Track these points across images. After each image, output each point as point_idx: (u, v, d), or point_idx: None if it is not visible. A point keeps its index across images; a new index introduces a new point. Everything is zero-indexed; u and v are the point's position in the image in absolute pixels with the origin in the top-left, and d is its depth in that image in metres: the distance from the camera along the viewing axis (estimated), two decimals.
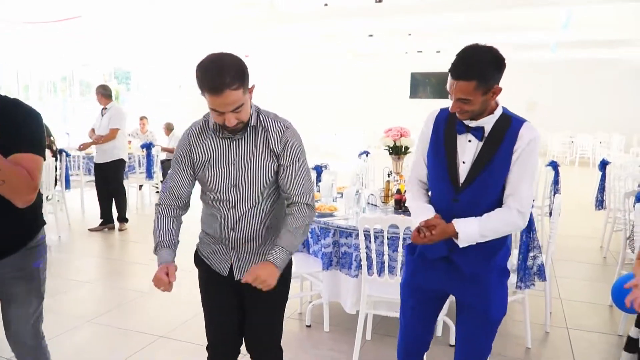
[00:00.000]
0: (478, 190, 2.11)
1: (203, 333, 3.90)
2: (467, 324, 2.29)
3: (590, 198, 7.64)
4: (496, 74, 1.99)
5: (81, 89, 15.67)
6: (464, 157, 2.13)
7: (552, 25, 10.60)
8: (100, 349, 3.67)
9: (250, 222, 2.19)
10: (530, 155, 2.05)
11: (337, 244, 3.66)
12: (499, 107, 2.11)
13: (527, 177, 2.07)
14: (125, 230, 6.99)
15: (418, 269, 2.34)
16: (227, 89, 1.90)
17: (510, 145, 2.06)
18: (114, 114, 6.67)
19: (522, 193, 2.06)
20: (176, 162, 2.24)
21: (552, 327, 3.99)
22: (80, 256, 5.98)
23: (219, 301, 2.35)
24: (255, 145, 2.14)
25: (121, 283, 5.00)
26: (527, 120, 2.11)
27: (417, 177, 2.36)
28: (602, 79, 16.16)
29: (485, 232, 2.07)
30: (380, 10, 9.19)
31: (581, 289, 4.84)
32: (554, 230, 3.77)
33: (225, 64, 1.93)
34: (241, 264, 2.26)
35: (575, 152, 15.37)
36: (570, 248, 6.14)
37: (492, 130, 2.09)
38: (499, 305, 2.24)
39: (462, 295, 2.27)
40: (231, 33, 11.27)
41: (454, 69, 1.99)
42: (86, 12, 8.70)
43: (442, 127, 2.21)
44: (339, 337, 3.82)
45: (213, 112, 2.01)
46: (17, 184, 1.99)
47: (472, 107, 2.01)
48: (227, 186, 2.15)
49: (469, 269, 2.20)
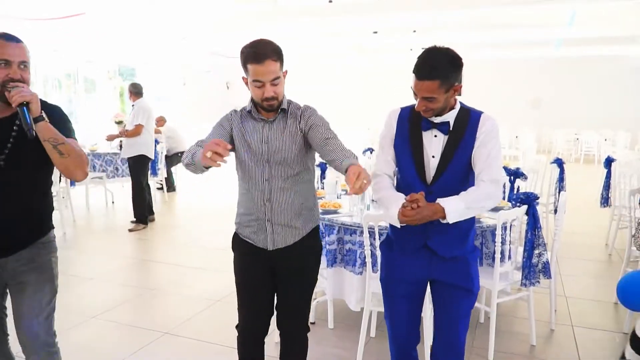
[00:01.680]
0: (449, 179, 2.26)
1: (208, 329, 3.92)
2: (452, 299, 2.39)
3: (595, 195, 7.62)
4: (456, 73, 2.17)
5: (86, 86, 15.71)
6: (433, 152, 2.28)
7: (557, 23, 10.57)
8: (105, 345, 3.68)
9: (283, 196, 2.40)
10: (493, 138, 2.24)
11: (341, 241, 3.66)
12: (457, 102, 2.29)
13: (493, 154, 2.22)
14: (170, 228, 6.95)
15: (398, 263, 2.43)
16: (268, 59, 2.21)
17: (472, 133, 2.25)
18: (138, 110, 6.78)
19: (492, 166, 2.21)
20: (216, 127, 2.47)
21: (557, 325, 3.98)
22: (84, 252, 6.01)
23: (254, 282, 2.51)
24: (285, 126, 2.39)
25: (126, 279, 5.01)
26: (483, 112, 2.31)
27: (384, 171, 2.40)
28: (606, 75, 16.10)
29: (470, 204, 2.16)
30: (385, 6, 9.18)
31: (586, 287, 4.82)
32: (559, 228, 3.76)
33: (267, 41, 2.27)
34: (275, 236, 2.44)
35: (580, 149, 15.30)
36: (575, 245, 6.13)
37: (454, 124, 2.26)
38: (477, 280, 2.43)
39: (447, 277, 2.37)
40: (234, 30, 11.27)
41: (418, 71, 2.16)
42: (90, 9, 8.71)
43: (407, 126, 2.35)
44: (343, 334, 3.82)
45: (254, 84, 2.27)
46: (76, 157, 2.21)
47: (436, 104, 2.18)
48: (261, 162, 2.38)
49: (448, 253, 2.33)
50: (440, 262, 2.35)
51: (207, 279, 5.02)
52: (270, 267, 2.49)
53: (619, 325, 4.01)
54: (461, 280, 2.36)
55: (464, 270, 2.37)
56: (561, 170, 5.92)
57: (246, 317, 2.56)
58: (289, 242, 2.45)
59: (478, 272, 2.46)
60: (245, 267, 2.52)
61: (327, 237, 3.67)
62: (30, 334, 2.32)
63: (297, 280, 2.51)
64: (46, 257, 2.36)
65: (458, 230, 2.29)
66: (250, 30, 11.10)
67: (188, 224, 7.15)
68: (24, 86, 2.10)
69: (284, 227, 2.43)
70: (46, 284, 2.35)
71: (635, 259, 4.38)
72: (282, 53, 2.30)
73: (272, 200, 2.40)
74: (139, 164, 6.87)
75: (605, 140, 14.72)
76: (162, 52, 14.61)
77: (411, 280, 2.42)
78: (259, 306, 2.53)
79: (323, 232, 3.74)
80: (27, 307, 2.31)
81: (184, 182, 9.99)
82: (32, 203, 2.28)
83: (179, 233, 6.83)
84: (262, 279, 2.50)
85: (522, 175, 4.70)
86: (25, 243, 2.29)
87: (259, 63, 2.22)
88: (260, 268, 2.49)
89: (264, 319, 2.56)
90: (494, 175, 2.21)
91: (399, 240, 2.42)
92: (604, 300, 4.48)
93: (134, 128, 6.71)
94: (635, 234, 4.30)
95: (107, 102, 15.94)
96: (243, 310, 2.56)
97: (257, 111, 2.40)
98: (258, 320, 2.55)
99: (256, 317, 2.54)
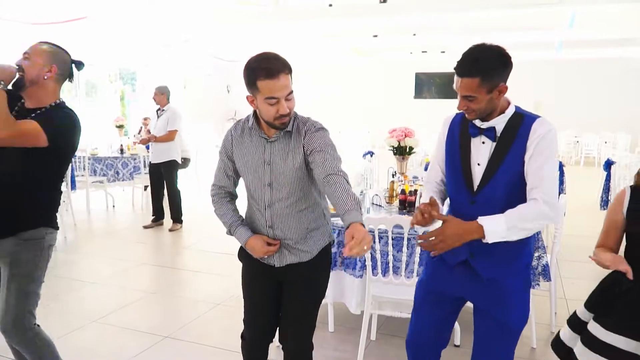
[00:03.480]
0: (494, 191, 2.09)
1: (208, 333, 3.91)
2: (485, 332, 2.22)
3: (595, 198, 7.62)
4: (501, 72, 2.01)
5: (87, 89, 15.72)
6: (479, 159, 2.13)
7: (557, 25, 10.57)
8: (105, 349, 3.69)
9: (287, 222, 2.30)
10: (547, 147, 2.01)
11: (341, 244, 3.67)
12: (511, 106, 2.11)
13: (547, 168, 2.00)
14: (176, 231, 7.02)
15: (437, 272, 2.31)
16: (282, 73, 2.05)
17: (523, 141, 2.04)
18: (171, 115, 6.86)
19: (545, 183, 1.99)
20: (220, 157, 2.41)
21: (557, 327, 3.97)
22: (85, 256, 6.01)
23: (260, 294, 2.46)
24: (288, 146, 2.23)
25: (127, 283, 5.01)
26: (540, 116, 2.09)
27: (433, 178, 2.37)
28: (607, 78, 16.09)
29: (513, 223, 1.96)
30: (385, 10, 9.19)
31: (586, 289, 4.76)
32: (559, 230, 3.77)
33: (275, 55, 2.11)
34: (282, 257, 2.36)
35: (580, 152, 15.28)
36: (575, 248, 6.11)
37: (504, 130, 2.09)
38: (519, 314, 2.18)
39: (480, 301, 2.21)
40: (235, 32, 11.30)
41: (459, 67, 2.02)
42: (92, 13, 8.73)
43: (457, 131, 2.23)
44: (343, 337, 3.82)
45: (267, 102, 2.09)
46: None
47: (478, 104, 2.02)
48: (263, 185, 2.27)
49: (487, 273, 2.14)
50: (477, 283, 2.17)
51: (208, 283, 5.02)
52: (278, 281, 2.43)
53: None
54: (496, 309, 2.14)
55: (502, 297, 2.13)
56: (561, 173, 5.93)
57: (253, 327, 2.52)
58: (295, 261, 2.36)
59: (525, 308, 2.21)
60: (253, 278, 2.48)
61: None
62: (2, 331, 2.45)
63: (303, 295, 2.41)
64: (24, 254, 2.43)
65: (504, 250, 2.07)
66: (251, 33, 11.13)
67: (189, 227, 7.15)
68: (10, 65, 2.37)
69: (291, 249, 2.35)
70: (13, 283, 2.42)
71: None
72: (290, 65, 2.15)
73: (275, 227, 2.30)
74: (171, 169, 7.00)
75: (605, 143, 14.70)
76: (163, 55, 14.63)
77: (443, 292, 2.29)
78: (266, 318, 2.49)
79: None
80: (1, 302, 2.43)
81: (186, 187, 10.00)
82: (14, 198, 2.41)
83: (181, 237, 6.84)
84: (269, 291, 2.45)
85: None
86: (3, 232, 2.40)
87: (273, 78, 2.05)
88: (267, 281, 2.44)
89: (270, 330, 2.52)
90: (549, 196, 1.98)
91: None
92: None
93: (169, 133, 6.81)
94: None
95: (108, 105, 15.95)
96: (251, 319, 2.53)
97: (259, 128, 2.26)
98: (262, 331, 2.52)
99: (261, 328, 2.51)
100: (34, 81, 2.42)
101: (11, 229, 2.42)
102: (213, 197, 2.43)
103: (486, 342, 2.22)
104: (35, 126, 2.31)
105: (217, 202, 2.42)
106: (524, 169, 2.05)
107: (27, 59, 2.42)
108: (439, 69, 17.51)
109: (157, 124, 6.91)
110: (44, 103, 2.47)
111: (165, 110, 6.92)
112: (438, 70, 17.75)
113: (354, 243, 1.75)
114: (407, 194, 3.97)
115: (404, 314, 3.32)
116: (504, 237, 1.98)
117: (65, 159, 2.55)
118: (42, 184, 2.49)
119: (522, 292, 2.20)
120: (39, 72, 2.43)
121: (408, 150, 4.69)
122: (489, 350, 2.22)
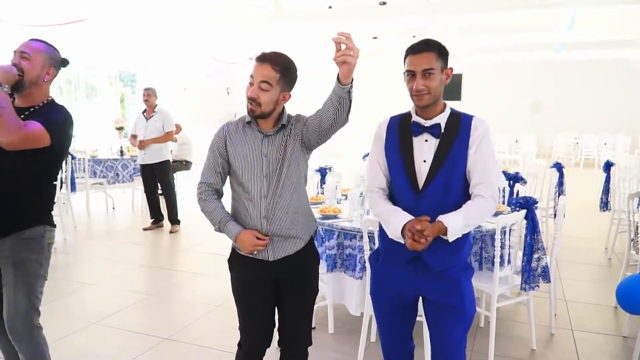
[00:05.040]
0: (442, 185, 2.19)
1: (207, 335, 3.92)
2: (444, 322, 2.30)
3: (595, 199, 7.62)
4: (447, 56, 2.20)
5: (87, 91, 15.74)
6: (424, 157, 2.23)
7: (557, 26, 10.59)
8: (105, 351, 3.69)
9: (281, 210, 2.37)
10: (488, 144, 2.20)
11: (341, 246, 3.67)
12: (447, 107, 2.26)
13: (490, 164, 2.19)
14: (175, 233, 7.04)
15: (386, 275, 2.37)
16: (269, 64, 2.25)
17: (465, 137, 2.19)
18: (166, 117, 6.92)
19: (490, 180, 2.17)
20: (211, 154, 2.44)
21: (557, 329, 3.98)
22: (85, 258, 6.01)
23: (257, 298, 2.47)
24: (283, 138, 2.37)
25: (127, 285, 5.02)
26: (474, 115, 2.26)
27: (377, 185, 2.38)
28: (606, 79, 16.11)
29: (469, 221, 2.14)
30: (385, 11, 9.20)
31: (586, 291, 4.83)
32: (559, 232, 3.77)
33: (283, 55, 2.31)
34: (275, 248, 2.41)
35: (580, 154, 15.28)
36: (574, 249, 6.13)
37: (446, 127, 2.22)
38: (470, 301, 2.31)
39: (434, 294, 2.29)
40: (235, 34, 11.31)
41: (414, 47, 2.18)
42: (92, 15, 8.75)
43: (396, 134, 2.31)
44: (343, 338, 3.82)
45: (249, 83, 2.29)
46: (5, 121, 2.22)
47: (434, 82, 2.14)
48: (259, 177, 2.35)
49: (437, 265, 2.25)
50: (430, 276, 2.26)
51: (207, 285, 5.02)
52: (273, 279, 2.45)
53: (619, 329, 4.01)
54: (451, 298, 2.26)
55: (454, 287, 2.26)
56: (560, 175, 5.93)
57: (250, 335, 2.50)
58: (290, 252, 2.42)
59: (472, 293, 2.35)
60: (247, 284, 2.46)
61: (327, 242, 3.68)
62: (9, 325, 2.48)
63: (301, 290, 2.48)
64: (24, 253, 2.46)
65: (453, 242, 2.20)
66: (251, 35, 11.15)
67: (188, 229, 7.16)
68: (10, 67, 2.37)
69: (284, 238, 2.40)
70: (20, 281, 2.46)
71: (635, 262, 4.38)
72: (290, 72, 2.30)
73: (269, 218, 2.36)
74: (166, 169, 7.08)
75: (605, 144, 14.71)
76: (163, 57, 14.65)
77: (399, 291, 2.34)
78: (264, 324, 2.48)
79: (323, 237, 3.76)
80: (6, 300, 2.46)
81: (184, 188, 10.00)
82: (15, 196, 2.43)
83: (180, 238, 6.83)
84: (265, 293, 2.45)
85: (522, 180, 4.71)
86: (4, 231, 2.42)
87: (259, 63, 2.26)
88: (262, 283, 2.44)
89: (267, 337, 2.51)
90: (494, 192, 2.18)
91: (388, 252, 2.36)
92: (603, 304, 4.49)
93: (168, 134, 6.91)
94: (634, 238, 4.31)
95: (108, 107, 15.96)
96: (248, 327, 2.50)
97: (256, 124, 2.38)
98: (263, 338, 2.50)
99: (262, 334, 2.49)
100: (34, 82, 2.44)
101: (10, 228, 2.44)
102: (201, 195, 2.46)
103: (447, 332, 2.30)
104: (40, 128, 2.33)
105: (205, 199, 2.45)
106: (467, 164, 2.19)
107: (28, 59, 2.42)
108: None
109: (150, 126, 6.86)
110: (35, 102, 2.48)
111: (156, 112, 6.91)
112: None
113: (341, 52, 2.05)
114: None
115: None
116: (461, 232, 2.15)
117: (62, 153, 2.57)
118: (42, 180, 2.52)
119: (468, 281, 2.33)
120: (40, 73, 2.45)
121: None
122: (450, 339, 2.31)
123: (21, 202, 2.46)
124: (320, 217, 3.81)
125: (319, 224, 3.74)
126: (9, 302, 2.46)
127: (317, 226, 2.66)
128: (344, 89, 2.15)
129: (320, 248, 3.85)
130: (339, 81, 2.14)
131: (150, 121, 6.88)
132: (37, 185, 2.50)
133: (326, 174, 5.15)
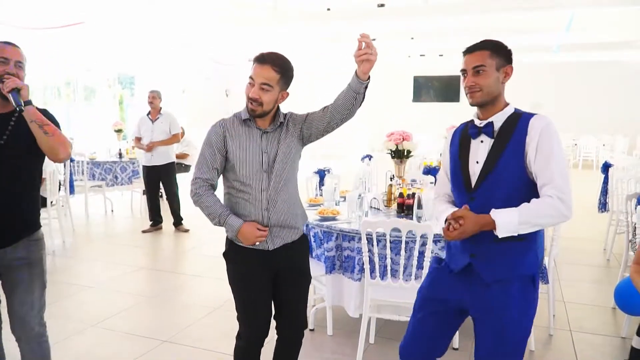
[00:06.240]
0: (492, 187, 2.10)
1: (207, 337, 3.91)
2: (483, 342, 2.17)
3: (593, 201, 7.62)
4: (507, 54, 2.13)
5: (85, 94, 15.73)
6: (477, 157, 2.17)
7: (555, 28, 10.61)
8: (104, 353, 3.68)
9: (281, 202, 2.46)
10: (549, 142, 2.02)
11: (340, 247, 3.67)
12: (510, 106, 2.16)
13: (554, 163, 1.99)
14: (174, 235, 7.07)
15: (440, 278, 2.31)
16: (269, 64, 2.33)
17: (521, 138, 2.06)
18: (172, 119, 7.03)
19: (557, 180, 1.97)
20: (207, 150, 2.48)
21: (555, 330, 3.99)
22: (84, 261, 6.01)
23: (257, 288, 2.52)
24: (281, 135, 2.46)
25: (125, 287, 5.01)
26: (537, 114, 2.12)
27: (442, 191, 2.40)
28: (605, 81, 16.13)
29: (527, 219, 1.96)
30: (383, 13, 9.21)
31: (584, 292, 4.83)
32: (557, 233, 3.77)
33: (281, 55, 2.40)
34: (274, 237, 2.49)
35: (578, 155, 15.32)
36: (573, 251, 6.13)
37: (501, 127, 2.13)
38: (519, 320, 2.11)
39: (479, 310, 2.17)
40: (233, 36, 11.31)
41: (468, 47, 2.14)
42: (89, 18, 8.75)
43: (458, 138, 2.30)
44: (342, 340, 3.82)
45: (248, 82, 2.37)
46: (59, 136, 2.39)
47: (486, 79, 2.08)
48: (259, 172, 2.43)
49: (490, 276, 2.12)
50: (479, 286, 2.14)
51: (206, 287, 5.02)
52: (272, 268, 2.52)
53: (618, 330, 4.02)
54: (495, 314, 2.09)
55: (503, 301, 2.09)
56: None
57: (251, 326, 2.53)
58: (287, 240, 2.52)
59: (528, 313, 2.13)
60: (247, 275, 2.51)
61: (326, 243, 3.68)
62: (25, 326, 2.51)
63: (299, 277, 2.60)
64: (37, 253, 2.54)
65: (508, 251, 2.08)
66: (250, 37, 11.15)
67: (187, 231, 7.15)
68: (16, 78, 2.37)
69: (283, 228, 2.49)
70: (36, 279, 2.53)
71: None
72: (288, 72, 2.39)
73: (270, 210, 2.44)
74: (172, 171, 7.15)
75: (603, 146, 14.73)
76: (161, 59, 14.65)
77: (444, 297, 2.26)
78: (266, 312, 2.54)
79: (321, 238, 3.76)
80: (21, 301, 2.49)
81: (184, 190, 10.00)
82: (27, 197, 2.50)
83: (179, 241, 6.84)
84: (265, 283, 2.52)
85: None
86: (16, 239, 2.46)
87: (259, 64, 2.33)
88: (261, 272, 2.50)
89: (268, 325, 2.56)
90: (563, 192, 1.96)
91: (448, 258, 2.31)
92: (602, 305, 4.49)
93: (175, 136, 7.02)
94: (632, 239, 4.31)
95: (106, 110, 15.95)
96: (249, 317, 2.53)
97: (254, 121, 2.45)
98: (264, 327, 2.54)
99: (263, 323, 2.54)
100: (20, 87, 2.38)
101: (26, 231, 2.51)
102: (197, 190, 2.48)
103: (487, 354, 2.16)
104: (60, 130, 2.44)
105: (202, 194, 2.47)
106: (528, 167, 2.05)
107: (22, 68, 2.43)
108: (437, 72, 17.55)
109: (157, 128, 6.93)
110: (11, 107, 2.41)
111: (162, 114, 6.99)
112: (436, 74, 17.79)
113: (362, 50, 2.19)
114: (405, 198, 3.98)
115: (402, 317, 3.33)
116: (516, 231, 1.98)
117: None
118: (37, 183, 2.59)
119: (525, 296, 2.13)
120: (22, 78, 2.46)
121: (406, 154, 4.70)
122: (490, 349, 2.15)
123: (34, 206, 2.55)
124: (318, 218, 3.81)
125: (318, 225, 3.74)
126: (24, 304, 2.49)
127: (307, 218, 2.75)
128: (362, 84, 2.27)
129: (318, 250, 3.85)
130: (358, 77, 2.25)
131: (157, 123, 6.94)
132: (37, 188, 2.58)
133: (325, 176, 5.15)
